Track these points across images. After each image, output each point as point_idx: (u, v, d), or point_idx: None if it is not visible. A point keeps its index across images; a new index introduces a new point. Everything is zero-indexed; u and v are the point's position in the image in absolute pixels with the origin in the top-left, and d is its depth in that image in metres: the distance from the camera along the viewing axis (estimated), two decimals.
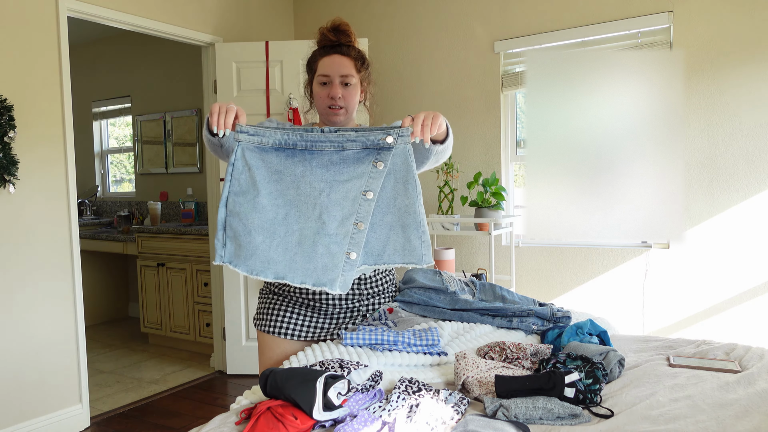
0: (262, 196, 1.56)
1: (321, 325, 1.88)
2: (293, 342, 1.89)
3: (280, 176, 1.59)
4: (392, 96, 3.99)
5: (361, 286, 1.89)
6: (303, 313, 1.88)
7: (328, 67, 1.80)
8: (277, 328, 1.87)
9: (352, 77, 1.82)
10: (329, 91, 1.81)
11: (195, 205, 4.84)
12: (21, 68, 2.81)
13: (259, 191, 1.56)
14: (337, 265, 1.57)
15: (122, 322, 5.48)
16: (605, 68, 2.19)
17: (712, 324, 3.04)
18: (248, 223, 1.56)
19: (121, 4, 3.24)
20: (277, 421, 1.29)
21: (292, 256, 1.57)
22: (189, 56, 4.93)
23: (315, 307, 1.87)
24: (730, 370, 1.67)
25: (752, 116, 2.92)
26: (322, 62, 1.82)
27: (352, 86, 1.83)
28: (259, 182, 1.57)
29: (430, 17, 3.82)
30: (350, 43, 1.85)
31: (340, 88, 1.80)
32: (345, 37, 1.84)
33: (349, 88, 1.82)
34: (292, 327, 1.88)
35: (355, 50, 1.85)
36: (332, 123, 1.84)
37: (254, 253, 1.55)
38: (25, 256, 2.85)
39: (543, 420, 1.36)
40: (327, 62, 1.81)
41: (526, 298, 2.39)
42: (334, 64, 1.81)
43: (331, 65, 1.80)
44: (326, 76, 1.81)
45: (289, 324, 1.88)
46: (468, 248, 3.75)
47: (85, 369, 3.09)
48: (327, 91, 1.81)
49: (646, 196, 2.06)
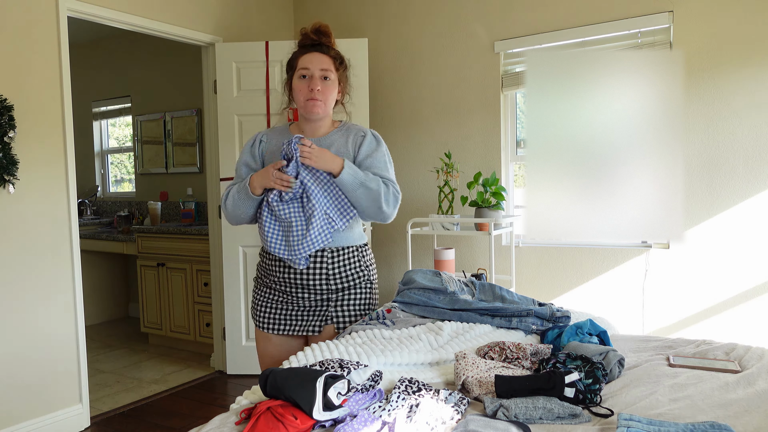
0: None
1: (295, 316, 2.01)
2: (277, 336, 2.03)
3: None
4: (392, 96, 3.99)
5: (322, 271, 1.96)
6: (281, 307, 2.01)
7: (309, 62, 1.93)
8: (260, 322, 2.04)
9: (330, 73, 1.95)
10: (309, 83, 1.92)
11: (195, 205, 4.84)
12: (21, 68, 2.81)
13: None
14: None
15: (122, 322, 5.48)
16: (605, 68, 2.19)
17: (712, 324, 3.04)
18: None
19: (121, 4, 3.24)
20: (277, 421, 1.29)
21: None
22: (189, 56, 4.93)
23: (288, 300, 1.99)
24: (730, 370, 1.67)
25: (752, 116, 2.92)
26: (303, 58, 1.95)
27: (331, 81, 1.95)
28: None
29: (430, 17, 3.82)
30: (330, 44, 1.99)
31: (319, 81, 1.92)
32: (325, 38, 1.98)
33: (328, 83, 1.94)
34: (273, 321, 2.03)
35: (334, 50, 1.99)
36: (311, 114, 1.95)
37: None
38: (25, 257, 2.85)
39: (543, 420, 1.36)
40: (308, 58, 1.94)
41: (526, 298, 2.39)
42: (315, 59, 1.94)
43: (312, 61, 1.93)
44: (306, 69, 1.93)
45: (272, 318, 2.03)
46: (468, 248, 3.75)
47: (85, 369, 3.09)
48: (307, 84, 1.93)
49: (646, 196, 2.06)
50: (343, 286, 2.00)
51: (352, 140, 1.99)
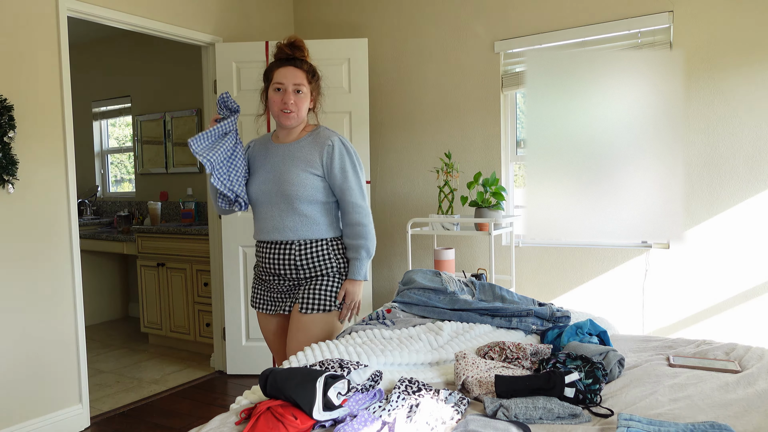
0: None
1: (271, 298, 2.22)
2: (261, 314, 2.27)
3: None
4: (392, 96, 3.99)
5: (291, 261, 2.13)
6: (263, 288, 2.24)
7: (283, 77, 2.10)
8: (251, 300, 2.30)
9: (303, 86, 2.12)
10: (282, 97, 2.10)
11: (195, 205, 4.84)
12: (21, 68, 2.81)
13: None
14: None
15: (122, 322, 5.48)
16: (605, 68, 2.19)
17: (712, 324, 3.04)
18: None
19: (121, 4, 3.24)
20: (277, 421, 1.29)
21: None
22: (189, 56, 4.93)
23: (267, 283, 2.22)
24: (730, 370, 1.67)
25: (752, 116, 2.92)
26: (278, 72, 2.12)
27: (303, 94, 2.13)
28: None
29: (430, 17, 3.82)
30: (303, 57, 2.16)
31: (292, 95, 2.10)
32: (299, 52, 2.15)
33: (300, 95, 2.12)
34: (256, 300, 2.27)
35: (307, 64, 2.16)
36: (284, 124, 2.13)
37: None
38: (25, 257, 2.85)
39: (543, 420, 1.36)
40: (282, 72, 2.11)
41: (526, 298, 2.39)
42: (288, 74, 2.11)
43: (286, 75, 2.10)
44: (281, 84, 2.10)
45: (256, 297, 2.27)
46: (468, 248, 3.75)
47: (85, 369, 3.09)
48: (281, 97, 2.10)
49: (646, 196, 2.06)
50: (313, 274, 2.14)
51: (319, 151, 2.13)
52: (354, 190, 2.13)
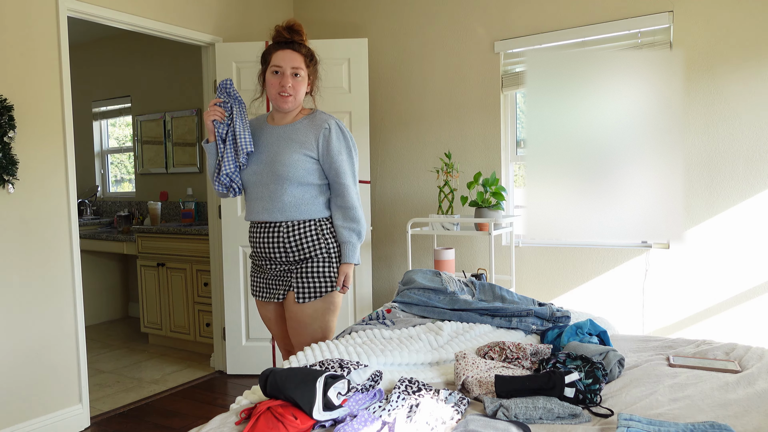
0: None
1: (266, 284, 2.23)
2: (259, 301, 2.28)
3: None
4: (392, 96, 3.99)
5: (280, 243, 2.13)
6: (257, 275, 2.26)
7: (281, 60, 2.09)
8: (251, 288, 2.30)
9: (301, 70, 2.11)
10: (280, 80, 2.09)
11: (195, 205, 4.84)
12: (21, 68, 2.81)
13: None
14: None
15: (122, 322, 5.48)
16: (605, 68, 2.19)
17: (712, 324, 3.04)
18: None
19: (121, 4, 3.24)
20: (277, 421, 1.29)
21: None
22: (189, 56, 4.93)
23: (261, 269, 2.23)
24: (730, 370, 1.67)
25: (752, 116, 2.92)
26: (276, 55, 2.10)
27: (301, 78, 2.12)
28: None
29: (430, 17, 3.82)
30: (302, 41, 2.13)
31: (290, 78, 2.09)
32: (298, 36, 2.12)
33: (298, 79, 2.11)
34: (254, 288, 2.28)
35: (305, 48, 2.14)
36: (281, 107, 2.13)
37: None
38: (25, 256, 2.85)
39: (543, 420, 1.36)
40: (280, 55, 2.10)
41: (526, 298, 2.39)
42: (287, 57, 2.09)
43: (284, 58, 2.09)
44: (279, 67, 2.09)
45: (253, 284, 2.28)
46: (468, 248, 3.75)
47: (85, 369, 3.09)
48: (278, 80, 2.10)
49: (646, 196, 2.06)
50: (302, 257, 2.13)
51: (315, 133, 2.12)
52: (347, 173, 2.13)
